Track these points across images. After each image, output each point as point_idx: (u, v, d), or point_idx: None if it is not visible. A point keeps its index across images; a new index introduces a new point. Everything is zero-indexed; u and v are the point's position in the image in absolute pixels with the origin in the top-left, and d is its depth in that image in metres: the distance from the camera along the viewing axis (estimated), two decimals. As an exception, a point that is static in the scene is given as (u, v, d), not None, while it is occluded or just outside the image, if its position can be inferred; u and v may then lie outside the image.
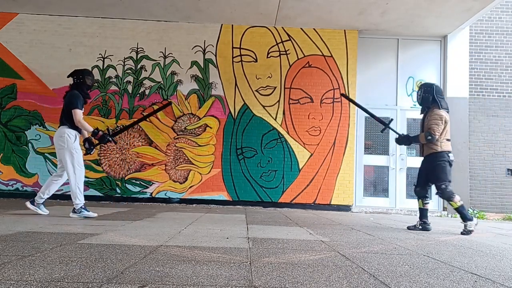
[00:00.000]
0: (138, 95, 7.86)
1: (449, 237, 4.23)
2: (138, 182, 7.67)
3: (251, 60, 7.96)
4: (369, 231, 4.42)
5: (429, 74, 8.23)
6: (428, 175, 4.82)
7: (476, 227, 4.63)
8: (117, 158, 7.69)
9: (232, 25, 8.00)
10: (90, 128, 4.69)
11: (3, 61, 7.79)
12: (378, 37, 8.25)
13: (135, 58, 7.94)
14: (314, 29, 8.01)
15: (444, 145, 4.74)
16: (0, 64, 7.78)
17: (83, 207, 4.62)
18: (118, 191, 7.64)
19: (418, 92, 4.97)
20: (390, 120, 5.21)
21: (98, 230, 3.58)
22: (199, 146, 7.76)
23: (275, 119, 7.85)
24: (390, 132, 8.09)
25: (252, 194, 7.70)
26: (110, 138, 4.79)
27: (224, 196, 7.69)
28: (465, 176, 7.92)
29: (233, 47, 7.99)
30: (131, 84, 7.89)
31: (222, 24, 8.00)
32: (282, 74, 7.94)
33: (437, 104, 4.82)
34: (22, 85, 7.77)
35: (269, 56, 7.97)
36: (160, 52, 7.95)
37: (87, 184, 7.01)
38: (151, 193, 7.66)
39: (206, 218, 5.17)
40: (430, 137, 4.66)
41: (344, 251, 2.98)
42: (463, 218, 4.58)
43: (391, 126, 5.18)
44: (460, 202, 4.56)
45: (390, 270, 2.36)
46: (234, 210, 6.77)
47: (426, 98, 4.86)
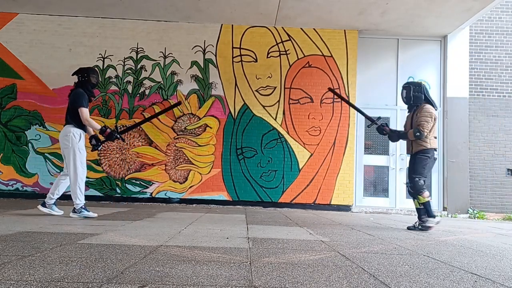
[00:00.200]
0: (138, 95, 7.86)
1: (449, 237, 4.23)
2: (138, 182, 7.67)
3: (251, 60, 7.96)
4: (369, 231, 4.42)
5: (429, 74, 8.24)
6: (410, 169, 4.87)
7: (437, 226, 4.62)
8: (117, 158, 7.69)
9: (232, 25, 8.00)
10: (98, 126, 4.70)
11: (3, 61, 7.79)
12: (378, 37, 8.25)
13: (135, 58, 7.94)
14: (314, 29, 8.01)
15: (433, 142, 4.78)
16: (0, 64, 7.78)
17: (83, 207, 4.63)
18: (118, 191, 7.64)
19: (406, 91, 4.94)
20: (378, 118, 5.22)
21: (98, 230, 3.58)
22: (199, 146, 7.76)
23: (275, 119, 7.85)
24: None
25: (252, 194, 7.70)
26: (118, 135, 4.79)
27: (224, 196, 7.69)
28: (465, 176, 7.92)
29: (233, 47, 7.99)
30: (131, 84, 7.89)
31: (222, 24, 8.00)
32: (282, 74, 7.94)
33: (429, 102, 4.86)
34: (22, 85, 7.77)
35: (269, 56, 7.97)
36: (160, 52, 7.95)
37: (87, 184, 7.00)
38: (151, 193, 7.66)
39: (206, 218, 5.17)
40: (419, 134, 4.68)
41: (344, 251, 2.98)
42: (427, 213, 4.67)
43: (379, 123, 5.17)
44: (428, 198, 4.66)
45: (390, 270, 2.36)
46: (234, 210, 6.77)
47: (419, 97, 4.87)
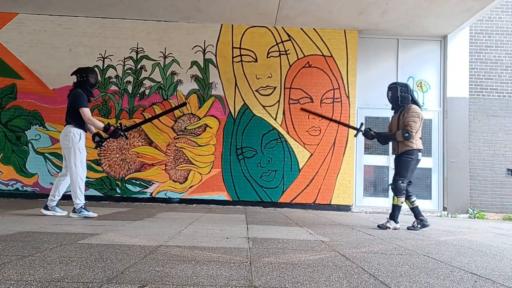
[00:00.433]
0: (138, 95, 7.86)
1: (449, 237, 4.23)
2: (138, 182, 7.67)
3: (251, 60, 7.96)
4: (369, 231, 4.42)
5: (429, 74, 8.24)
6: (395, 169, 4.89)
7: (394, 231, 4.58)
8: (117, 158, 7.69)
9: (232, 25, 8.00)
10: (101, 125, 4.72)
11: (3, 61, 7.79)
12: (378, 37, 8.25)
13: (135, 58, 7.94)
14: (314, 29, 8.01)
15: (418, 143, 4.78)
16: (0, 64, 7.78)
17: (83, 207, 4.63)
18: (118, 191, 7.64)
19: (392, 91, 4.92)
20: (361, 124, 5.24)
21: (98, 230, 3.58)
22: (199, 146, 7.76)
23: (275, 119, 7.85)
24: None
25: (252, 194, 7.70)
26: (122, 133, 4.79)
27: (224, 196, 7.69)
28: (465, 176, 7.92)
29: (233, 47, 7.99)
30: (131, 84, 7.89)
31: (222, 24, 8.00)
32: (282, 74, 7.94)
33: (416, 103, 4.88)
34: (22, 85, 7.77)
35: (269, 56, 7.97)
36: (160, 52, 7.95)
37: (87, 184, 6.99)
38: (151, 193, 7.66)
39: (206, 218, 5.17)
40: (407, 135, 4.67)
41: (344, 251, 2.98)
42: (391, 216, 4.77)
43: (362, 129, 5.18)
44: (401, 204, 4.76)
45: (390, 270, 2.36)
46: (234, 210, 6.76)
47: (406, 97, 4.87)
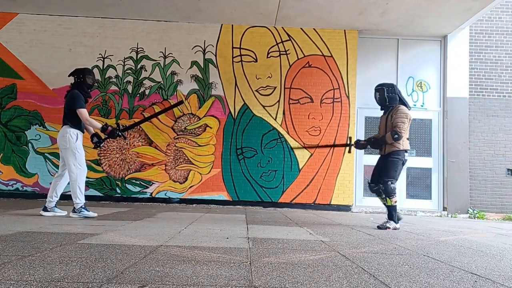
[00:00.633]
0: (138, 95, 7.86)
1: (449, 237, 4.23)
2: (138, 182, 7.67)
3: (251, 60, 7.96)
4: (369, 231, 4.42)
5: (429, 74, 8.24)
6: (381, 169, 4.87)
7: (394, 231, 4.57)
8: (117, 158, 7.69)
9: (232, 25, 8.00)
10: (99, 125, 4.71)
11: (3, 61, 7.79)
12: (378, 37, 8.25)
13: (135, 58, 7.94)
14: (314, 29, 8.01)
15: (405, 144, 4.78)
16: (0, 64, 7.78)
17: (83, 207, 4.63)
18: (118, 191, 7.64)
19: (379, 93, 4.91)
20: (349, 138, 5.26)
21: (98, 230, 3.58)
22: (199, 146, 7.76)
23: (275, 119, 7.85)
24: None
25: (252, 194, 7.70)
26: (120, 133, 4.79)
27: (224, 196, 7.69)
28: (465, 176, 7.92)
29: (233, 47, 7.99)
30: (131, 84, 7.89)
31: (222, 24, 8.00)
32: (282, 74, 7.94)
33: (403, 103, 4.86)
34: (22, 85, 7.77)
35: (269, 56, 7.97)
36: (160, 52, 7.95)
37: (87, 184, 6.99)
38: (151, 193, 7.66)
39: (206, 218, 5.17)
40: (397, 136, 4.65)
41: (344, 251, 2.98)
42: (389, 216, 4.74)
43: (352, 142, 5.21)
44: (395, 203, 4.73)
45: (390, 270, 2.36)
46: (234, 210, 6.77)
47: (394, 98, 4.85)
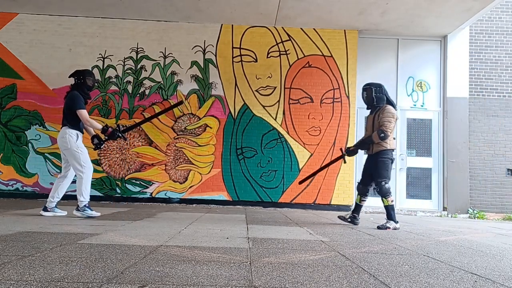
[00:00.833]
0: (138, 95, 7.86)
1: (449, 237, 4.23)
2: (138, 182, 7.67)
3: (251, 60, 7.96)
4: (369, 231, 4.42)
5: (429, 74, 8.24)
6: (371, 171, 4.90)
7: (394, 231, 4.58)
8: (117, 158, 7.69)
9: (232, 25, 8.00)
10: (99, 126, 4.70)
11: (3, 61, 7.79)
12: (378, 37, 8.25)
13: (135, 58, 7.94)
14: (314, 29, 8.01)
15: (392, 143, 4.82)
16: (0, 64, 7.78)
17: (87, 206, 4.63)
18: (118, 191, 7.64)
19: (367, 92, 4.95)
20: (340, 149, 5.32)
21: (98, 230, 3.58)
22: (199, 146, 7.76)
23: (275, 119, 7.85)
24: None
25: (252, 194, 7.70)
26: (120, 135, 4.78)
27: (224, 196, 7.69)
28: (465, 176, 7.92)
29: (233, 47, 7.99)
30: (131, 84, 7.89)
31: (222, 24, 8.00)
32: (282, 74, 7.94)
33: (391, 103, 4.91)
34: (22, 85, 7.77)
35: (269, 56, 7.97)
36: (160, 52, 7.95)
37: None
38: (151, 193, 7.66)
39: (206, 218, 5.17)
40: (383, 135, 4.69)
41: (344, 251, 2.98)
42: (388, 217, 4.76)
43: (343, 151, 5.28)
44: (392, 202, 4.76)
45: (390, 270, 2.36)
46: (234, 210, 6.76)
47: (381, 98, 4.89)
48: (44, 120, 7.71)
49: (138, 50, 7.95)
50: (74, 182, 4.75)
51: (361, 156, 8.06)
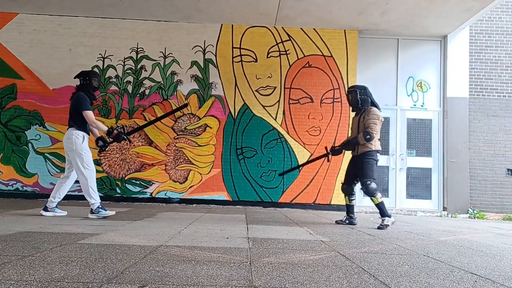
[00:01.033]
0: (138, 95, 7.86)
1: (449, 237, 4.23)
2: (138, 182, 7.67)
3: (251, 60, 7.96)
4: (369, 231, 4.42)
5: (429, 74, 8.24)
6: (356, 172, 4.96)
7: (393, 225, 4.72)
8: (117, 158, 7.69)
9: (232, 25, 8.00)
10: (105, 128, 4.67)
11: (3, 61, 7.79)
12: (378, 37, 8.25)
13: (135, 58, 7.94)
14: (314, 29, 8.01)
15: (377, 144, 4.88)
16: (0, 64, 7.78)
17: (100, 207, 4.63)
18: (118, 191, 7.64)
19: (352, 95, 5.01)
20: (326, 148, 5.42)
21: (98, 230, 3.58)
22: (199, 146, 7.76)
23: (275, 119, 7.85)
24: (390, 133, 8.12)
25: (252, 194, 7.70)
26: (125, 137, 4.76)
27: (224, 196, 7.69)
28: (465, 176, 7.92)
29: (233, 47, 7.99)
30: (131, 84, 7.89)
31: (222, 24, 8.00)
32: (282, 74, 7.94)
33: (375, 105, 4.97)
34: (22, 85, 7.77)
35: (269, 56, 7.97)
36: (160, 52, 7.95)
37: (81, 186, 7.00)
38: (151, 193, 7.66)
39: (206, 218, 5.17)
40: (369, 136, 4.76)
41: (344, 251, 2.98)
42: (382, 214, 4.81)
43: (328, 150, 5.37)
44: (381, 199, 4.81)
45: (390, 270, 2.36)
46: (234, 210, 6.76)
47: (366, 100, 4.96)
48: (44, 120, 7.71)
49: (138, 50, 7.95)
50: (77, 182, 4.74)
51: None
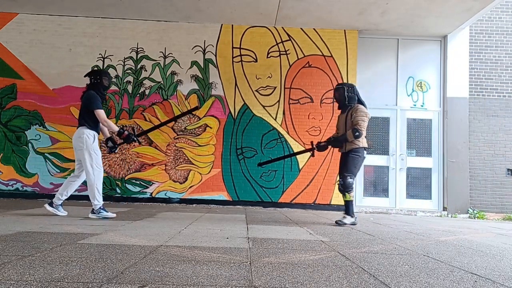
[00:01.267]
0: (138, 95, 7.86)
1: (449, 237, 4.23)
2: (138, 182, 7.67)
3: (251, 60, 7.96)
4: (369, 231, 4.42)
5: (429, 74, 8.24)
6: (341, 166, 5.03)
7: (352, 226, 4.74)
8: (117, 158, 7.69)
9: (232, 25, 8.00)
10: (116, 128, 4.64)
11: (3, 61, 7.79)
12: (378, 37, 8.25)
13: (135, 58, 7.94)
14: (314, 29, 8.01)
15: (364, 141, 4.96)
16: (0, 64, 7.78)
17: (102, 208, 4.62)
18: (118, 191, 7.64)
19: (339, 92, 5.06)
20: (311, 143, 5.48)
21: (98, 230, 3.58)
22: (199, 146, 7.76)
23: (275, 119, 7.85)
24: (390, 133, 8.12)
25: (252, 194, 7.70)
26: (135, 138, 4.75)
27: (224, 196, 7.69)
28: (465, 176, 7.92)
29: (233, 47, 7.99)
30: (131, 84, 7.89)
31: (222, 24, 8.00)
32: (282, 74, 7.94)
33: (361, 103, 5.04)
34: (22, 85, 7.77)
35: (269, 56, 7.97)
36: (160, 52, 7.95)
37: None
38: (151, 193, 7.66)
39: (206, 218, 5.17)
40: (358, 133, 4.82)
41: (344, 251, 2.98)
42: (346, 211, 4.89)
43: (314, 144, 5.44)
44: (352, 198, 4.89)
45: (390, 270, 2.36)
46: (234, 210, 6.76)
47: (353, 98, 5.04)
48: (44, 120, 7.71)
49: (138, 50, 7.95)
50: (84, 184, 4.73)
51: (361, 156, 8.07)
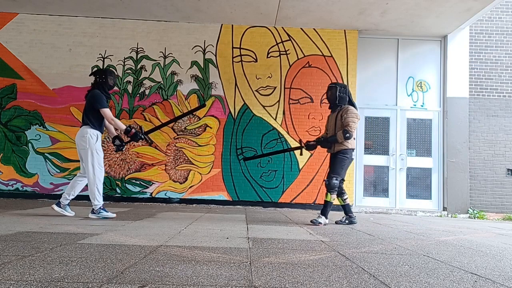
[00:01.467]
0: (138, 95, 7.86)
1: (449, 237, 4.23)
2: (138, 182, 7.67)
3: (251, 60, 7.96)
4: (369, 231, 4.42)
5: (429, 74, 8.24)
6: (330, 166, 5.06)
7: (324, 227, 4.73)
8: (117, 158, 7.69)
9: (232, 25, 8.00)
10: (123, 126, 4.64)
11: (3, 61, 7.79)
12: (378, 37, 8.25)
13: (135, 58, 7.94)
14: (314, 29, 8.01)
15: (352, 143, 4.98)
16: (0, 64, 7.78)
17: (102, 208, 4.62)
18: (118, 191, 7.64)
19: (332, 91, 5.07)
20: (300, 141, 5.46)
21: (98, 230, 3.58)
22: (199, 146, 7.76)
23: (275, 119, 7.85)
24: (390, 133, 8.12)
25: (252, 194, 7.70)
26: (143, 136, 4.74)
27: (224, 196, 7.69)
28: (465, 176, 7.92)
29: (233, 47, 7.99)
30: (131, 84, 7.89)
31: (222, 24, 8.00)
32: (282, 74, 7.94)
33: (352, 104, 5.05)
34: (22, 85, 7.77)
35: (269, 56, 7.97)
36: (160, 52, 7.95)
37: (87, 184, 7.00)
38: (151, 193, 7.66)
39: (206, 218, 5.17)
40: (348, 135, 4.83)
41: (344, 251, 2.98)
42: (323, 212, 4.90)
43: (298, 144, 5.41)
44: (333, 200, 4.90)
45: (390, 270, 2.36)
46: (234, 210, 6.76)
47: (344, 98, 5.04)
48: (44, 120, 7.71)
49: (138, 50, 7.95)
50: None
51: (362, 156, 8.07)
